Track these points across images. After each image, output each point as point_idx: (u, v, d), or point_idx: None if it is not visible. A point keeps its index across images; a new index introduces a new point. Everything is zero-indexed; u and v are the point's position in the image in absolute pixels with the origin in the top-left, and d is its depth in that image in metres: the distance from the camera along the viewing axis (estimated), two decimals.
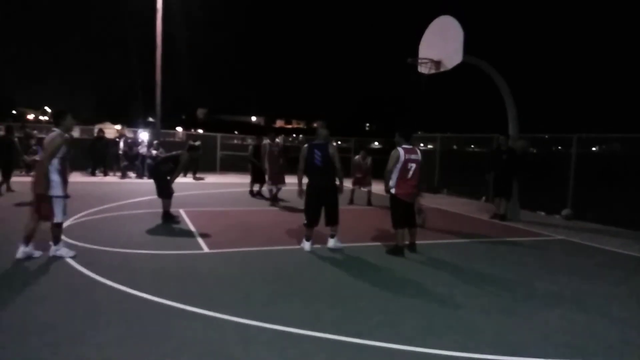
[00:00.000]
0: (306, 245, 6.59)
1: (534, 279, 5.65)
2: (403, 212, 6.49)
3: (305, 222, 6.60)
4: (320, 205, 6.54)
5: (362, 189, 11.57)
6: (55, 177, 5.42)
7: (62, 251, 5.65)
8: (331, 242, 6.66)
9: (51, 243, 5.66)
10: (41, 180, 5.37)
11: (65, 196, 5.56)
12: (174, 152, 8.90)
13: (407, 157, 6.33)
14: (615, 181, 9.78)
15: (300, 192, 6.76)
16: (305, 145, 6.67)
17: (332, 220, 6.61)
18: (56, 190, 5.43)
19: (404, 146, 6.45)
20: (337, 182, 6.54)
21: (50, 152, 5.37)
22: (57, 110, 6.11)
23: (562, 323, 4.26)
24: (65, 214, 5.65)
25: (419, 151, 6.59)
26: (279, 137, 11.68)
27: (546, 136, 13.11)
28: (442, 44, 9.98)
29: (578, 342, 3.86)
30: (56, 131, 5.52)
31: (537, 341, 3.84)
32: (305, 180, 6.67)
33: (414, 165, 6.39)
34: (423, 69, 10.47)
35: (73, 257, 5.56)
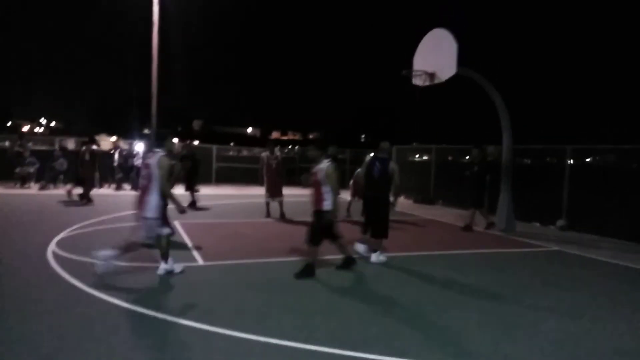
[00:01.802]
0: (360, 247, 6.91)
1: (529, 290, 5.65)
2: None
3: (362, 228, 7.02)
4: (372, 215, 6.76)
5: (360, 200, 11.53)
6: (152, 199, 5.43)
7: (173, 266, 5.71)
8: (373, 257, 6.69)
9: (162, 260, 5.69)
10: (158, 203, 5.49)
11: (157, 218, 5.50)
12: None
13: None
14: (610, 192, 9.81)
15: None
16: (369, 157, 7.13)
17: (379, 232, 6.71)
18: (150, 212, 5.43)
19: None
20: (392, 198, 6.82)
21: (165, 175, 5.41)
22: (160, 131, 6.18)
23: (557, 335, 4.25)
24: (170, 227, 5.70)
25: None
26: (277, 149, 11.51)
27: (540, 147, 13.17)
28: (436, 56, 10.06)
29: (574, 354, 3.85)
30: (160, 153, 5.56)
31: (532, 353, 3.83)
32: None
33: None
34: (417, 81, 10.53)
35: (181, 272, 5.67)
